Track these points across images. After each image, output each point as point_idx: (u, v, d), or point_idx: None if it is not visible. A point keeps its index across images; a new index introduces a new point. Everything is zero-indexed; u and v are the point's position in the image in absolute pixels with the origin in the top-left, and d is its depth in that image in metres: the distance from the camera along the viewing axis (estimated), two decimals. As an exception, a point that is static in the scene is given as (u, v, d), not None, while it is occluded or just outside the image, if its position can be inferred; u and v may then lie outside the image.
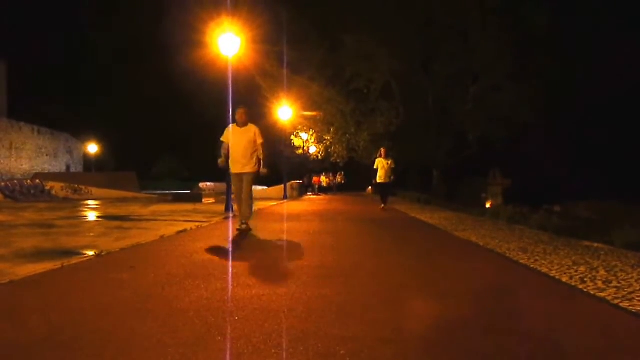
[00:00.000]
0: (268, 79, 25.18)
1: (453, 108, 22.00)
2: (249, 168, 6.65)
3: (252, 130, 6.69)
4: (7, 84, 44.49)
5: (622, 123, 21.68)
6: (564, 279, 3.47)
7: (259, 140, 6.68)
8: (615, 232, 5.57)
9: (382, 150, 13.14)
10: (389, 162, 12.72)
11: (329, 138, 27.51)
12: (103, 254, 4.64)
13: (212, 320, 2.42)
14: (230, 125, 6.88)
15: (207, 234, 6.56)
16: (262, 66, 23.84)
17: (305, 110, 26.10)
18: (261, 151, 6.69)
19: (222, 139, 6.82)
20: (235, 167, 6.71)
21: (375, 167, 12.79)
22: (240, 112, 6.71)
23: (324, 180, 35.29)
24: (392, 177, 12.95)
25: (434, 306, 2.77)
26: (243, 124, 6.72)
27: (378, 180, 12.76)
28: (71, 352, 2.01)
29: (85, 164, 52.72)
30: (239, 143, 6.63)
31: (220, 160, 6.81)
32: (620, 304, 2.76)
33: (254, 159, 6.69)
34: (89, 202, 18.20)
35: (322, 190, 34.13)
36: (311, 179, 35.13)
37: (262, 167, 6.71)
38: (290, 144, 28.90)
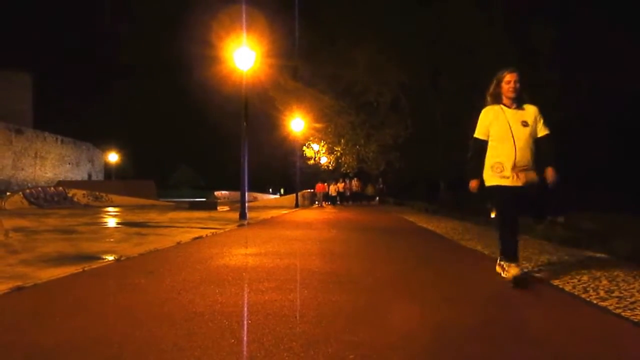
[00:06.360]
0: (281, 92, 25.58)
1: (460, 121, 22.08)
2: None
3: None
4: (33, 95, 45.75)
5: (625, 136, 21.52)
6: (566, 288, 3.49)
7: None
8: (618, 242, 5.56)
9: (509, 83, 3.88)
10: (534, 120, 3.85)
11: (339, 149, 27.74)
12: (122, 259, 4.77)
13: (226, 324, 2.50)
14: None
15: (222, 241, 6.66)
16: (275, 79, 24.25)
17: (317, 122, 26.35)
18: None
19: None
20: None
21: (479, 137, 4.04)
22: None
23: (333, 188, 27.69)
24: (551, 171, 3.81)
25: (439, 313, 2.83)
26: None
27: (502, 182, 3.71)
28: (91, 353, 2.09)
29: (106, 172, 53.96)
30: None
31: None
32: (622, 314, 2.79)
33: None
34: (109, 208, 18.53)
35: (329, 199, 27.12)
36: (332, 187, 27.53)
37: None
38: (302, 154, 29.12)
